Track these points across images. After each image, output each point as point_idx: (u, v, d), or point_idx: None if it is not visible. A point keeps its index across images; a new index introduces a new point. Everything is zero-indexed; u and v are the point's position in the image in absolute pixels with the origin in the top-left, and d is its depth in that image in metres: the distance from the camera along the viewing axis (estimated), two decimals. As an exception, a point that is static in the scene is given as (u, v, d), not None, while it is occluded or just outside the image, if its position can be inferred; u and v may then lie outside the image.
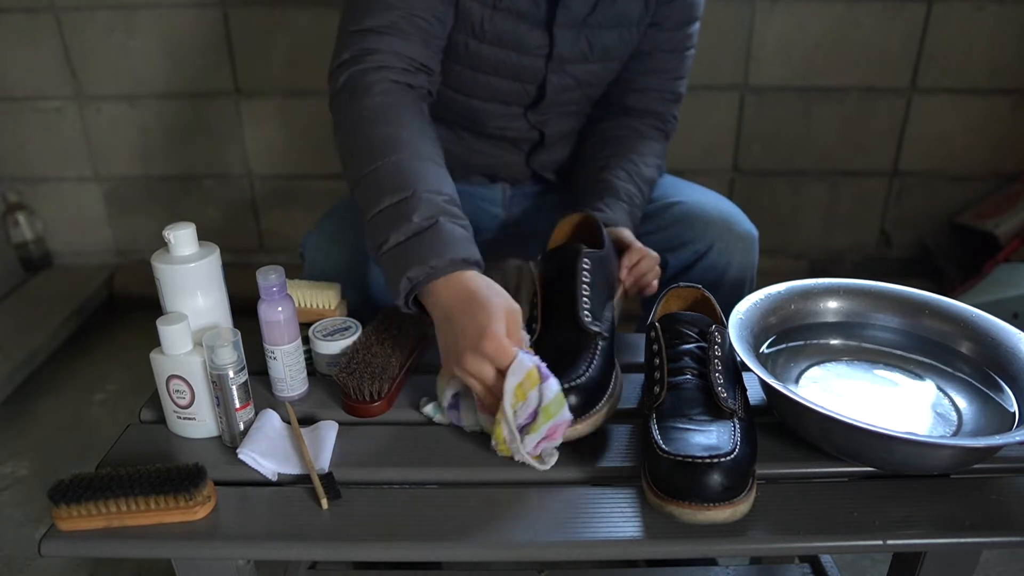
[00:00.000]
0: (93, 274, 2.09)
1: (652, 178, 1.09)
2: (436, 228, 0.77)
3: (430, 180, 0.81)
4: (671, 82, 1.10)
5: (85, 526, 0.65)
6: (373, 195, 0.81)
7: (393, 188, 0.80)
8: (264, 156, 2.01)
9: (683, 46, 1.07)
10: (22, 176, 2.05)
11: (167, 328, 0.72)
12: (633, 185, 1.04)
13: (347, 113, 0.88)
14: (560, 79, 1.03)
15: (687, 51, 1.08)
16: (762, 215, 2.02)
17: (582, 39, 1.00)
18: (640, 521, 0.65)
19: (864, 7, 1.80)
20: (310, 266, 1.01)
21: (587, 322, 0.78)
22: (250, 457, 0.72)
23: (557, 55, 1.00)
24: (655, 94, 1.10)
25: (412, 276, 0.75)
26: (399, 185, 0.80)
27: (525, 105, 1.07)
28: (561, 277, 0.83)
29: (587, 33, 1.00)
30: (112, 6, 1.85)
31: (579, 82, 1.05)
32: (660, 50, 1.06)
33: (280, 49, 1.88)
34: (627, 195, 1.03)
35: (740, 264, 1.03)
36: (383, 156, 0.82)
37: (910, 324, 0.87)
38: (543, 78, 1.03)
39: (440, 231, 0.76)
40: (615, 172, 1.05)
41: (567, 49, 1.00)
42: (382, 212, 0.79)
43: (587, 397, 0.73)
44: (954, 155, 1.96)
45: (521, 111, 1.07)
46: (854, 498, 0.68)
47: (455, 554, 0.66)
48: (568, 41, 1.00)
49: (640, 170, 1.06)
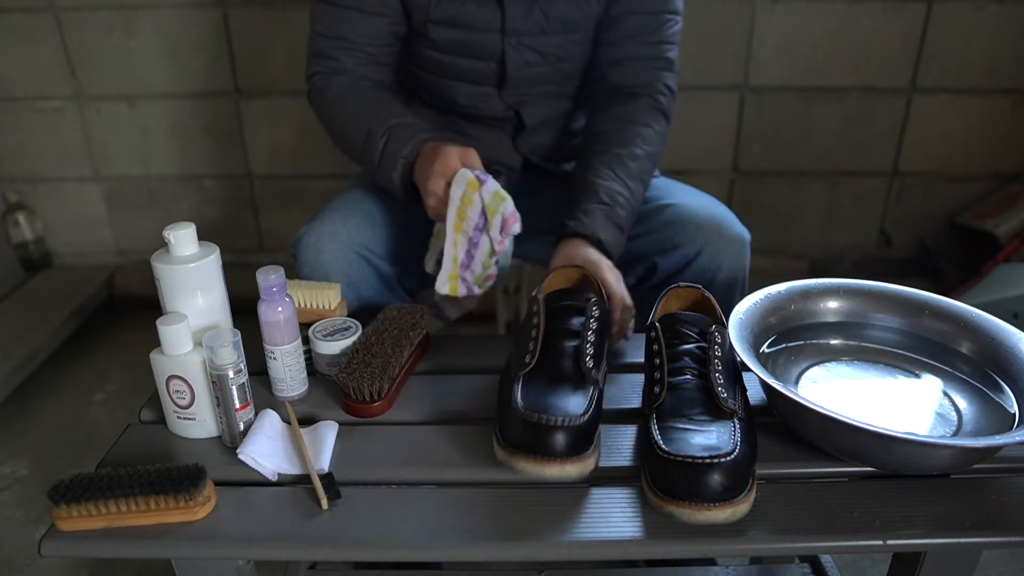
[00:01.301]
0: (93, 274, 2.09)
1: (642, 169, 1.04)
2: (394, 132, 1.01)
3: (378, 113, 1.04)
4: (653, 47, 1.06)
5: (85, 526, 0.65)
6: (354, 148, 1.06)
7: (362, 135, 1.04)
8: (264, 156, 2.01)
9: (659, 7, 1.05)
10: (22, 176, 2.05)
11: (167, 328, 0.72)
12: (617, 183, 1.01)
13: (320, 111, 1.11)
14: (520, 54, 1.04)
15: (666, 13, 1.05)
16: (762, 215, 2.03)
17: (536, 11, 1.01)
18: (640, 521, 0.65)
19: (864, 7, 1.80)
20: (302, 265, 1.01)
21: (588, 367, 0.74)
22: (250, 457, 0.72)
23: (511, 29, 1.02)
24: (638, 63, 1.07)
25: (397, 174, 1.00)
26: (363, 131, 1.03)
27: (494, 84, 1.08)
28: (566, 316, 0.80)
29: (540, 4, 1.01)
30: (112, 6, 1.85)
31: (544, 56, 1.05)
32: (633, 13, 1.04)
33: (280, 49, 1.88)
34: (608, 195, 0.99)
35: (730, 267, 1.02)
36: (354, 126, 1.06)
37: (910, 324, 0.87)
38: (501, 53, 1.04)
39: (400, 132, 1.00)
40: (598, 171, 1.02)
41: (520, 22, 1.02)
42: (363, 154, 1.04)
43: (579, 439, 0.68)
44: (954, 155, 1.96)
45: (493, 91, 1.09)
46: (854, 498, 0.68)
47: (455, 554, 0.66)
48: (520, 13, 1.01)
49: (625, 164, 1.02)
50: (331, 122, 1.10)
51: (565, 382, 0.73)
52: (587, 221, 0.97)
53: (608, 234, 0.97)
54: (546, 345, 0.77)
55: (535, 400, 0.70)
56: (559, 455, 0.66)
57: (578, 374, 0.74)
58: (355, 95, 1.07)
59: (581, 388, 0.73)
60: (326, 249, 0.99)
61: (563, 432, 0.66)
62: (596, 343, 0.77)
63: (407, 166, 0.99)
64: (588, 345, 0.76)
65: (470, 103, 1.11)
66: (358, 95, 1.07)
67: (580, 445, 0.68)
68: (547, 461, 0.66)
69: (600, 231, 0.96)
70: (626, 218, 1.01)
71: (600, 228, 0.97)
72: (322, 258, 0.99)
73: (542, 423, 0.67)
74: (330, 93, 1.07)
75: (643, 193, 1.05)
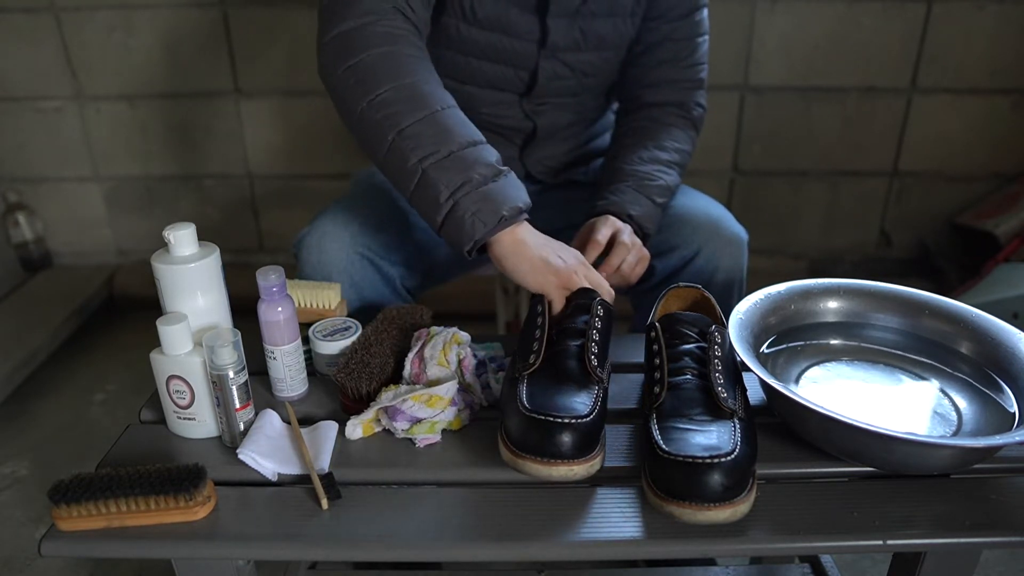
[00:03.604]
0: (93, 274, 2.09)
1: (672, 160, 1.06)
2: (503, 179, 0.85)
3: (464, 129, 0.86)
4: (686, 70, 1.08)
5: (85, 526, 0.65)
6: (424, 144, 0.83)
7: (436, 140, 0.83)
8: (264, 156, 2.01)
9: (693, 33, 1.06)
10: (22, 176, 2.05)
11: (167, 328, 0.72)
12: (646, 166, 1.03)
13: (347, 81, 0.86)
14: (552, 66, 1.04)
15: (698, 38, 1.07)
16: (762, 215, 2.03)
17: (575, 28, 1.01)
18: (640, 521, 0.65)
19: (864, 7, 1.80)
20: (304, 265, 1.01)
21: (593, 366, 0.74)
22: (250, 457, 0.72)
23: (551, 43, 1.01)
24: (671, 86, 1.09)
25: (479, 233, 0.82)
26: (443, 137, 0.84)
27: (519, 92, 1.07)
28: (571, 315, 0.80)
29: (580, 22, 1.01)
30: (112, 6, 1.85)
31: (574, 71, 1.05)
32: (670, 39, 1.06)
33: (280, 49, 1.88)
34: (634, 176, 1.01)
35: (728, 268, 1.02)
36: (421, 109, 0.84)
37: (910, 324, 0.87)
38: (535, 64, 1.03)
39: (507, 182, 0.85)
40: (626, 159, 1.04)
41: (561, 38, 1.01)
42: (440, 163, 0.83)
43: (585, 439, 0.67)
44: (954, 155, 1.96)
45: (516, 98, 1.08)
46: (854, 498, 0.68)
47: (455, 554, 0.66)
48: (562, 30, 1.01)
49: (655, 155, 1.04)
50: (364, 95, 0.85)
51: (570, 381, 0.73)
52: (616, 199, 0.98)
53: (640, 209, 0.98)
54: (551, 344, 0.77)
55: (540, 400, 0.70)
56: (565, 456, 0.66)
57: (583, 373, 0.74)
58: (410, 65, 0.86)
59: (586, 387, 0.72)
60: (328, 249, 0.99)
61: (569, 432, 0.66)
62: (601, 342, 0.77)
63: (476, 244, 0.84)
64: (593, 344, 0.76)
65: (492, 111, 1.09)
66: (414, 69, 0.86)
67: (586, 445, 0.67)
68: (553, 462, 0.66)
69: (630, 206, 0.97)
70: (659, 192, 1.01)
71: (630, 204, 0.97)
72: (324, 258, 0.99)
73: (548, 423, 0.67)
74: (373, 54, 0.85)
75: (676, 181, 1.05)
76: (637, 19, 1.04)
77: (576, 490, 0.69)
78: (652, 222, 1.00)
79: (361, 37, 0.86)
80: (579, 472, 0.67)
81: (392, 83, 0.85)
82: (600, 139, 1.22)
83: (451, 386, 0.76)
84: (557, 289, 0.82)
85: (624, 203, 0.98)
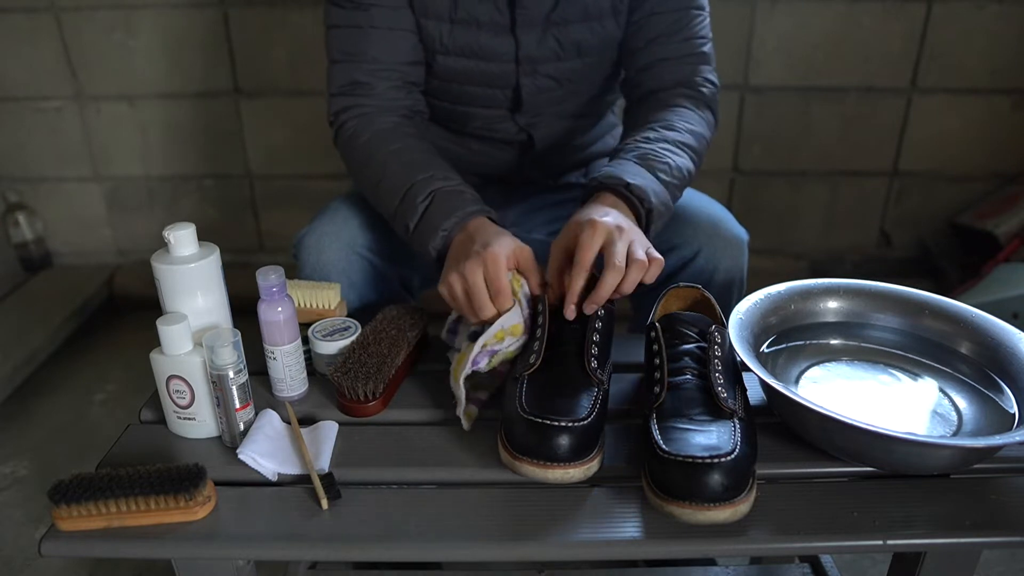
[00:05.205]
0: (93, 274, 2.09)
1: (682, 141, 0.95)
2: (437, 197, 0.90)
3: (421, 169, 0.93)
4: (682, 44, 1.01)
5: (85, 526, 0.65)
6: (387, 203, 0.94)
7: (395, 190, 0.93)
8: (264, 156, 2.01)
9: (683, 4, 1.00)
10: (22, 176, 2.05)
11: (167, 328, 0.72)
12: (652, 145, 0.93)
13: (348, 157, 1.01)
14: (534, 80, 1.03)
15: (691, 9, 1.00)
16: (762, 215, 2.03)
17: (549, 38, 1.00)
18: (640, 521, 0.65)
19: (864, 7, 1.80)
20: (303, 266, 1.01)
21: (593, 368, 0.74)
22: (250, 457, 0.72)
23: (525, 57, 1.00)
24: (670, 64, 1.01)
25: (434, 245, 0.88)
26: (399, 185, 0.93)
27: (507, 108, 1.07)
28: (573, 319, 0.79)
29: (553, 31, 1.00)
30: (112, 6, 1.85)
31: (559, 81, 1.04)
32: (655, 14, 1.00)
33: (280, 49, 1.88)
34: (637, 150, 0.92)
35: (728, 268, 1.01)
36: (390, 180, 0.94)
37: (910, 324, 0.87)
38: (516, 82, 1.03)
39: (444, 200, 0.89)
40: (629, 140, 0.96)
41: (534, 50, 1.00)
42: (396, 212, 0.93)
43: (582, 442, 0.67)
44: (954, 155, 1.96)
45: (507, 114, 1.07)
46: (854, 498, 0.68)
47: (455, 554, 0.66)
48: (534, 42, 1.00)
49: (663, 135, 0.95)
50: (362, 170, 0.98)
51: (570, 383, 0.73)
52: (612, 170, 0.88)
53: (641, 180, 0.86)
54: (551, 344, 0.77)
55: (539, 402, 0.70)
56: (562, 458, 0.66)
57: (583, 375, 0.74)
58: (396, 141, 0.97)
59: (586, 389, 0.72)
60: (328, 249, 0.99)
61: (567, 435, 0.66)
62: (601, 343, 0.77)
63: (446, 240, 0.88)
64: (593, 346, 0.76)
65: (484, 125, 1.09)
66: (400, 142, 0.97)
67: (584, 447, 0.67)
68: (550, 465, 0.66)
69: (629, 176, 0.86)
70: (665, 171, 0.90)
71: (630, 174, 0.86)
72: (324, 259, 0.99)
73: (545, 426, 0.66)
74: (365, 137, 0.98)
75: (687, 165, 0.94)
76: (622, 18, 1.01)
77: (576, 490, 0.69)
78: (656, 198, 0.86)
79: (358, 125, 1.00)
80: (575, 475, 0.67)
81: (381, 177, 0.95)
82: (601, 141, 1.21)
83: (515, 312, 0.80)
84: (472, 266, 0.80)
85: (622, 173, 0.86)
